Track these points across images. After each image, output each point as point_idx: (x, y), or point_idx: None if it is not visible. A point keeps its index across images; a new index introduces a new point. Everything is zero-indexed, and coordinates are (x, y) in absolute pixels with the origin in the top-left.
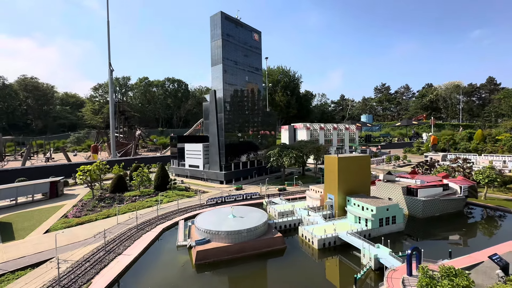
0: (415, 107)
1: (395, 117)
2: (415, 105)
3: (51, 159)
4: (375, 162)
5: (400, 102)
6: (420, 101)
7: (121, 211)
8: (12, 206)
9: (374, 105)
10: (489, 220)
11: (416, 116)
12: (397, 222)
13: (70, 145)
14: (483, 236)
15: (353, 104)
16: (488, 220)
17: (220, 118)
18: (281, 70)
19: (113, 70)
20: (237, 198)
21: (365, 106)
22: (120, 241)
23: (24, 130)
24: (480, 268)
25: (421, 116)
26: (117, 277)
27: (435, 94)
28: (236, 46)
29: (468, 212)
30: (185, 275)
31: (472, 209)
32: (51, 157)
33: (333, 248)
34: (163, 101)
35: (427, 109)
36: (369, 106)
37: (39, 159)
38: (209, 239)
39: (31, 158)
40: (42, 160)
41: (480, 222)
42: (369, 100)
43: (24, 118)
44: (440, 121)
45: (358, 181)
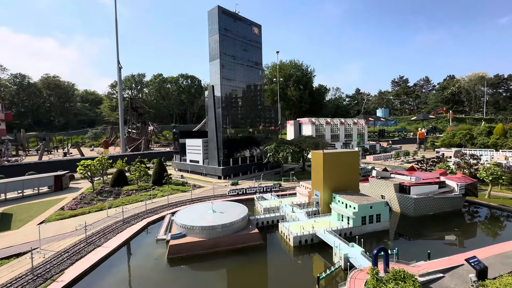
0: (435, 100)
1: (414, 111)
2: (435, 98)
3: (69, 154)
4: (382, 157)
5: (419, 95)
6: (440, 94)
7: (114, 204)
8: (19, 198)
9: (391, 98)
10: (487, 220)
11: (435, 110)
12: (382, 221)
13: (88, 141)
14: (476, 237)
15: (368, 98)
16: (486, 220)
17: (218, 114)
18: (294, 64)
19: (121, 67)
20: (257, 190)
21: (382, 100)
22: (103, 233)
23: (47, 127)
24: (458, 271)
25: (441, 109)
26: (90, 268)
27: (457, 86)
28: (235, 41)
29: (467, 211)
30: (157, 268)
31: (471, 208)
32: (68, 152)
33: (310, 246)
34: (176, 97)
35: (448, 102)
36: (386, 100)
37: (59, 154)
38: (184, 233)
39: (51, 153)
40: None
41: (477, 222)
42: (386, 93)
43: (47, 115)
44: (462, 115)
45: (345, 178)
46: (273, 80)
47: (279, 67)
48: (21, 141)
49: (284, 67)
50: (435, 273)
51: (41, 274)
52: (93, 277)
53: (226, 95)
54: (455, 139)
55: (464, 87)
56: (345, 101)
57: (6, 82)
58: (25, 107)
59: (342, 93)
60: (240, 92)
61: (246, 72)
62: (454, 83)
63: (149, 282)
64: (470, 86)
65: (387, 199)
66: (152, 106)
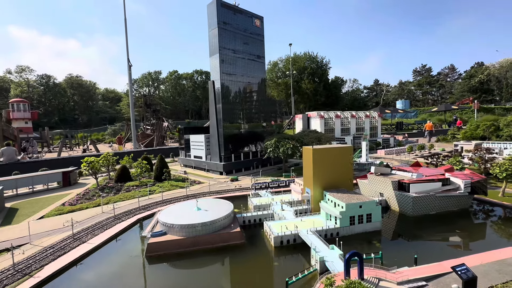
0: (461, 89)
1: (437, 102)
2: (461, 88)
3: (88, 150)
4: (394, 152)
5: (444, 85)
6: (467, 83)
7: (112, 200)
8: (29, 193)
9: (413, 89)
10: (496, 221)
11: (461, 100)
12: (373, 221)
13: (108, 137)
14: (478, 240)
15: (388, 89)
16: (494, 221)
17: (218, 109)
18: (308, 56)
19: (131, 65)
20: (280, 184)
21: (402, 91)
22: (92, 229)
23: (72, 124)
24: (444, 280)
25: (467, 99)
26: (68, 265)
27: (487, 74)
28: (235, 34)
29: (475, 211)
30: (133, 265)
31: (480, 208)
32: (88, 148)
33: (293, 247)
34: (192, 93)
35: (476, 92)
36: (407, 91)
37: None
38: (165, 231)
39: (72, 150)
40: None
41: (483, 223)
42: (407, 84)
43: (72, 113)
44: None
45: (337, 175)
46: (286, 73)
47: (293, 60)
48: (46, 139)
49: (298, 60)
50: (417, 281)
51: (21, 270)
52: (70, 273)
53: (227, 90)
54: (478, 131)
55: (494, 74)
56: (363, 93)
57: (34, 83)
58: (52, 106)
59: (359, 84)
60: (241, 86)
61: (248, 66)
62: (483, 70)
63: (123, 279)
64: (501, 73)
65: (386, 197)
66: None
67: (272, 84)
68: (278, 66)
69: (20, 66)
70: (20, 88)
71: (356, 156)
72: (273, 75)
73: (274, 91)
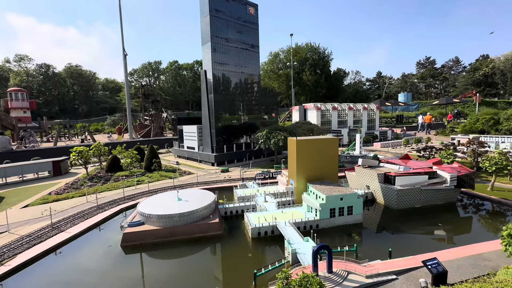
0: (465, 82)
1: (440, 95)
2: (465, 81)
3: (87, 140)
4: (390, 144)
5: (447, 78)
6: (471, 76)
7: (99, 190)
8: (19, 182)
9: (416, 82)
10: (481, 215)
11: (464, 94)
12: (355, 213)
13: (107, 128)
14: (459, 234)
15: (390, 82)
16: (479, 215)
17: (210, 99)
18: (310, 47)
19: (126, 54)
20: (266, 176)
21: (405, 84)
22: (73, 219)
23: (72, 114)
24: (416, 274)
25: (470, 93)
26: (43, 253)
27: (491, 67)
28: (228, 22)
29: (461, 205)
30: (107, 255)
31: (467, 202)
32: (86, 138)
33: (271, 239)
34: (192, 84)
35: (480, 85)
36: (410, 83)
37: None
38: (143, 221)
39: (71, 140)
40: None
41: (467, 217)
42: (410, 76)
43: (72, 103)
44: (495, 98)
45: (322, 167)
46: (287, 64)
47: (295, 51)
48: (44, 128)
49: (300, 51)
50: (387, 274)
51: None
52: (43, 262)
53: (219, 80)
54: (477, 124)
55: (498, 67)
56: (365, 86)
57: (33, 72)
58: (52, 96)
59: (362, 76)
60: (234, 76)
61: (241, 55)
62: (488, 63)
63: (95, 269)
64: (506, 67)
65: (372, 190)
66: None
67: (273, 75)
68: (280, 57)
69: (19, 55)
70: (19, 77)
71: (350, 149)
72: (274, 66)
73: (275, 82)
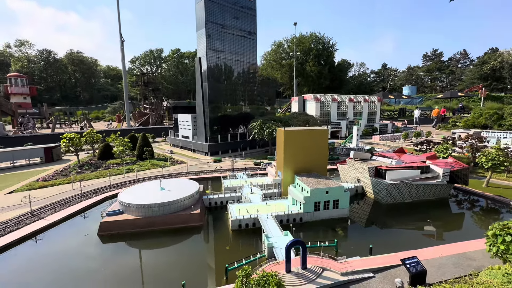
0: (472, 76)
1: (446, 89)
2: (472, 75)
3: (86, 127)
4: (389, 138)
5: (454, 71)
6: (478, 70)
7: (87, 177)
8: (10, 167)
9: (421, 75)
10: (473, 212)
11: (470, 88)
12: (341, 207)
13: (108, 115)
14: (448, 231)
15: (396, 74)
16: (471, 212)
17: (204, 88)
18: (314, 37)
19: (123, 40)
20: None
21: (410, 76)
22: (54, 206)
23: (74, 101)
24: (394, 272)
25: (476, 87)
26: (18, 240)
27: (500, 60)
28: (223, 7)
29: (454, 201)
30: (83, 244)
31: (461, 198)
32: (85, 125)
33: (252, 231)
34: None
35: (487, 79)
36: (415, 76)
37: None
38: (122, 210)
39: (71, 126)
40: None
41: (459, 214)
42: (415, 69)
43: (73, 90)
44: (502, 93)
45: (311, 159)
46: (290, 54)
47: (299, 40)
48: (44, 115)
49: (304, 40)
50: (364, 272)
51: None
52: (18, 249)
53: (214, 68)
54: (480, 119)
55: (507, 61)
56: (370, 78)
57: (35, 58)
58: (54, 82)
59: (366, 68)
60: (230, 64)
61: (237, 43)
62: (497, 56)
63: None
64: None
65: (363, 184)
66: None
67: (276, 65)
68: (283, 46)
69: (20, 40)
70: (20, 63)
71: (347, 141)
72: (277, 56)
73: (278, 72)
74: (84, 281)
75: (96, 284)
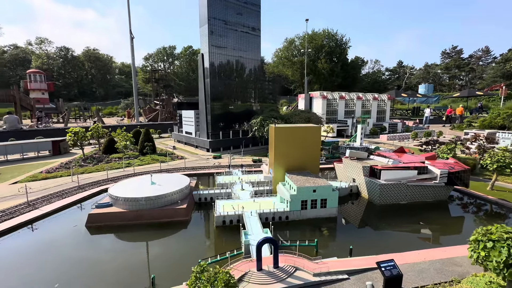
0: (494, 74)
1: (466, 87)
2: (494, 72)
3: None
4: (397, 137)
5: (474, 69)
6: (501, 67)
7: (88, 170)
8: (20, 159)
9: (439, 72)
10: (473, 216)
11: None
12: (329, 207)
13: (121, 111)
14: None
15: (412, 72)
16: (470, 216)
17: (206, 84)
18: (327, 34)
19: (133, 37)
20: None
21: (427, 74)
22: (51, 197)
23: (90, 97)
24: (371, 275)
25: (497, 85)
26: (9, 229)
27: None
28: (227, 4)
29: (453, 203)
30: (70, 234)
31: (461, 201)
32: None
33: (236, 228)
34: None
35: (510, 77)
36: (432, 74)
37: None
38: (111, 203)
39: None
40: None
41: (456, 217)
42: (433, 66)
43: (90, 86)
44: None
45: (303, 157)
46: (301, 51)
47: (311, 37)
48: (60, 109)
49: (316, 37)
50: (338, 273)
51: None
52: (8, 238)
53: (216, 64)
54: (497, 119)
55: None
56: (384, 75)
57: (54, 55)
58: (72, 78)
59: (381, 66)
60: (233, 60)
61: (241, 39)
62: None
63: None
64: None
65: (357, 183)
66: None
67: (287, 62)
68: (295, 43)
69: (40, 37)
70: (40, 59)
71: (351, 140)
72: (289, 53)
73: (289, 70)
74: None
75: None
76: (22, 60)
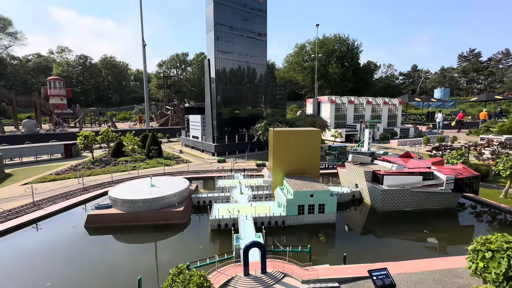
0: None
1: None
2: None
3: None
4: (408, 142)
5: (494, 72)
6: None
7: (95, 173)
8: (33, 162)
9: (456, 76)
10: (483, 225)
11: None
12: (327, 212)
13: (134, 116)
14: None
15: (427, 76)
16: (480, 226)
17: (212, 89)
18: (338, 38)
19: (145, 45)
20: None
21: (443, 78)
22: (56, 198)
23: (106, 103)
24: (363, 284)
25: None
26: (13, 228)
27: None
28: (233, 10)
29: (462, 212)
30: (69, 234)
31: (470, 209)
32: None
33: (231, 232)
34: None
35: None
36: (449, 78)
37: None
38: (111, 205)
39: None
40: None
41: (464, 226)
42: (449, 70)
43: (106, 92)
44: None
45: (303, 161)
46: (312, 56)
47: (322, 42)
48: (77, 115)
49: (327, 42)
50: (328, 281)
51: None
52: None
53: (222, 70)
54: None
55: None
56: (398, 80)
57: (73, 63)
58: (89, 85)
59: (395, 70)
60: (239, 65)
61: (247, 44)
62: None
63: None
64: None
65: (360, 189)
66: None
67: (298, 67)
68: (306, 49)
69: (60, 46)
70: (61, 67)
71: (359, 145)
72: (299, 58)
73: (299, 75)
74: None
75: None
76: (44, 68)
